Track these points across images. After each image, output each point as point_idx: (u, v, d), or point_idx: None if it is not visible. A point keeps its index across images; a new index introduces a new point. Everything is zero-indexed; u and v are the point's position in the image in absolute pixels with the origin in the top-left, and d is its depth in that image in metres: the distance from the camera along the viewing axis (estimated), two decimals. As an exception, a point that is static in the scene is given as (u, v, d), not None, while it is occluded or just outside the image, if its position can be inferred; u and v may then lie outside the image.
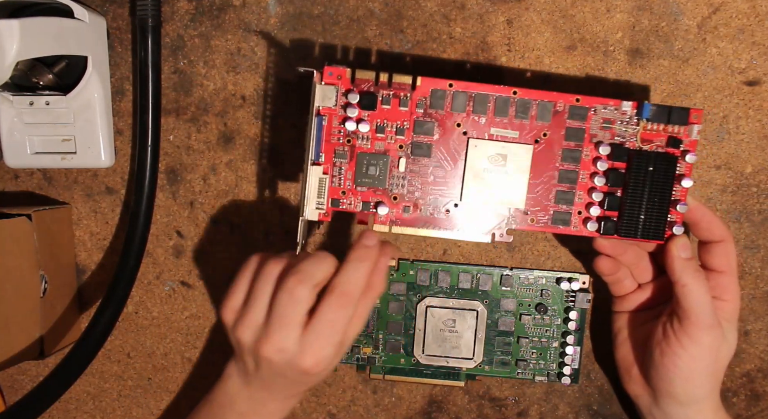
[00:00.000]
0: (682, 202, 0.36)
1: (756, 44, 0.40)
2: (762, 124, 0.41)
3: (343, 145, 0.36)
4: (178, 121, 0.44)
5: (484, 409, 0.46)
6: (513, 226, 0.37)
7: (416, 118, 0.35)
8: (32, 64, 0.40)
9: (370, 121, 0.35)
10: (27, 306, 0.41)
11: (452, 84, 0.35)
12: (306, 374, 0.33)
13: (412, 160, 0.36)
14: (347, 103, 0.35)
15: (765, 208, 0.42)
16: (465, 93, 0.35)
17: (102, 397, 0.48)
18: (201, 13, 0.43)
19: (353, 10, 0.42)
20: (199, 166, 0.44)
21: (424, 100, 0.35)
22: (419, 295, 0.43)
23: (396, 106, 0.35)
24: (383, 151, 0.36)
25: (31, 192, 0.45)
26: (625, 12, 0.41)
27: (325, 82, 0.35)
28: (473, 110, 0.35)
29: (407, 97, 0.35)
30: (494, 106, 0.35)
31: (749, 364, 0.43)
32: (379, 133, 0.36)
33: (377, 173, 0.36)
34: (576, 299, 0.43)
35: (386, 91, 0.35)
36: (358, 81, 0.35)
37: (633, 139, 0.36)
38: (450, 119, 0.36)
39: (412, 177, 0.36)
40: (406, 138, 0.36)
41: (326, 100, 0.35)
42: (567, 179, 0.36)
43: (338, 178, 0.36)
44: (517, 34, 0.41)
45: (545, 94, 0.35)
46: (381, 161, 0.36)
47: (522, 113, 0.35)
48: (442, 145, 0.36)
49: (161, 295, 0.46)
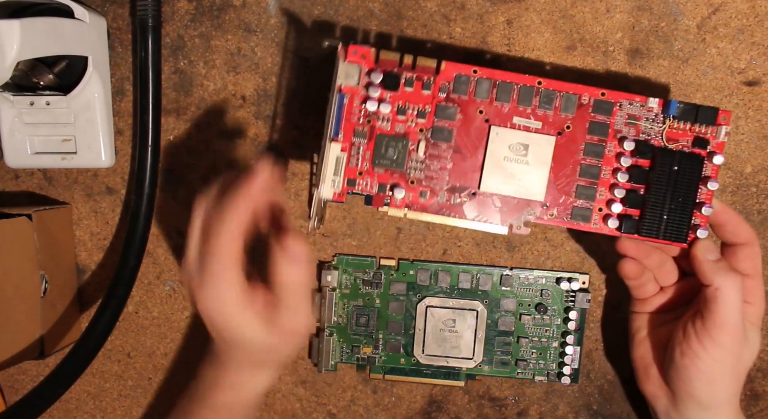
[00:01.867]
0: (707, 205, 0.35)
1: (755, 44, 0.40)
2: (761, 124, 0.41)
3: (363, 125, 0.35)
4: (178, 121, 0.44)
5: (484, 409, 0.46)
6: (531, 218, 0.36)
7: (438, 102, 0.35)
8: (32, 64, 0.40)
9: (392, 103, 0.35)
10: (27, 306, 0.41)
11: (477, 70, 0.35)
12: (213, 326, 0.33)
13: (432, 145, 0.35)
14: (369, 83, 0.34)
15: (765, 207, 0.42)
16: (489, 80, 0.35)
17: (102, 397, 0.48)
18: (201, 13, 0.43)
19: (353, 10, 0.42)
20: (199, 166, 0.44)
21: (448, 85, 0.35)
22: (419, 295, 0.43)
23: (419, 89, 0.35)
24: (403, 133, 0.35)
25: (32, 192, 0.45)
26: (625, 12, 0.41)
27: (349, 60, 0.34)
28: (496, 98, 0.35)
29: (431, 81, 0.35)
30: (518, 95, 0.35)
31: (749, 364, 0.44)
32: (400, 115, 0.35)
33: (396, 156, 0.35)
34: (576, 299, 0.43)
35: (409, 73, 0.35)
36: (382, 61, 0.34)
37: (658, 136, 0.35)
38: (473, 105, 0.35)
39: (431, 161, 0.35)
40: (427, 122, 0.35)
41: (349, 78, 0.34)
42: (589, 174, 0.36)
43: (356, 158, 0.35)
44: (517, 34, 0.41)
45: (571, 86, 0.35)
46: (400, 143, 0.35)
47: (546, 104, 0.35)
48: (464, 131, 0.35)
49: (161, 295, 0.46)
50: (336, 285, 0.44)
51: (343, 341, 0.44)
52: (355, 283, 0.44)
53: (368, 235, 0.44)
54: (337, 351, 0.44)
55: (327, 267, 0.44)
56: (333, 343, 0.44)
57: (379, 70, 0.34)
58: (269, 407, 0.47)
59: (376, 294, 0.44)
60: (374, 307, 0.44)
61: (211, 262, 0.32)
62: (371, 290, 0.44)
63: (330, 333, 0.44)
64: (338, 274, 0.44)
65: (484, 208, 0.36)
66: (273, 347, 0.34)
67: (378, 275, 0.43)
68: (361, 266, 0.44)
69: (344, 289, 0.44)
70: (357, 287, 0.44)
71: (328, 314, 0.44)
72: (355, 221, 0.44)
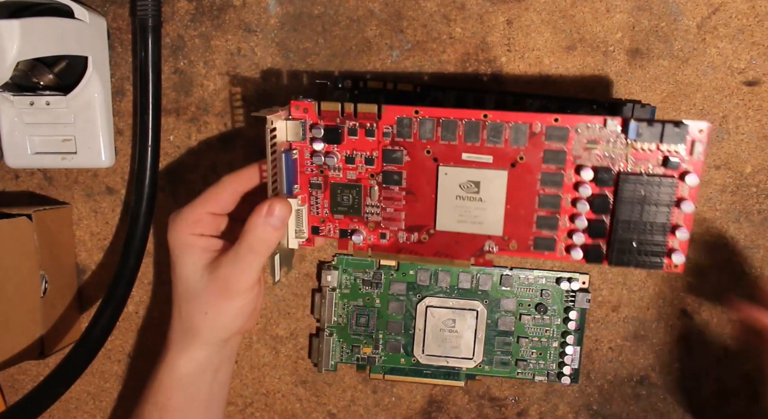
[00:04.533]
0: (682, 228, 0.32)
1: (755, 44, 0.40)
2: (761, 124, 0.41)
3: (316, 176, 0.35)
4: (178, 121, 0.44)
5: (484, 409, 0.46)
6: (493, 251, 0.35)
7: (384, 147, 0.34)
8: (32, 64, 0.41)
9: (340, 152, 0.35)
10: (27, 306, 0.41)
11: (418, 110, 0.34)
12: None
13: (385, 188, 0.35)
14: (313, 137, 0.35)
15: (765, 207, 0.42)
16: (432, 119, 0.33)
17: (102, 397, 0.48)
18: (201, 13, 0.43)
19: (353, 10, 0.42)
20: (199, 166, 0.44)
21: (391, 129, 0.34)
22: (419, 295, 0.43)
23: (363, 136, 0.34)
24: (355, 179, 0.35)
25: (32, 192, 0.46)
26: (625, 12, 0.41)
27: (293, 117, 0.34)
28: (442, 137, 0.34)
29: (374, 127, 0.34)
30: (464, 131, 0.33)
31: (749, 364, 0.44)
32: (349, 163, 0.35)
33: (351, 202, 0.35)
34: (576, 299, 0.43)
35: (352, 122, 0.34)
36: (324, 113, 0.34)
37: (623, 159, 0.32)
38: (419, 146, 0.34)
39: (386, 204, 0.35)
40: (376, 167, 0.35)
41: (295, 136, 0.34)
42: (549, 204, 0.33)
43: (315, 207, 0.36)
44: (517, 34, 0.41)
45: (520, 115, 0.33)
46: (354, 191, 0.35)
47: (494, 137, 0.33)
48: (413, 172, 0.35)
49: (161, 295, 0.46)
50: (336, 285, 0.44)
51: (343, 341, 0.44)
52: (355, 283, 0.44)
53: (368, 235, 0.44)
54: (337, 351, 0.44)
55: (327, 267, 0.44)
56: (333, 343, 0.44)
57: (321, 123, 0.34)
58: (269, 407, 0.47)
59: (376, 294, 0.44)
60: (374, 307, 0.44)
61: (193, 200, 0.36)
62: (371, 290, 0.44)
63: (330, 333, 0.44)
64: (338, 274, 0.44)
65: (444, 244, 0.36)
66: (204, 298, 0.35)
67: (378, 275, 0.43)
68: (361, 266, 0.44)
69: (344, 289, 0.44)
70: (357, 287, 0.44)
71: (328, 314, 0.44)
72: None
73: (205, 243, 0.36)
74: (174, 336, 0.37)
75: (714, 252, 0.43)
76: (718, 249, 0.43)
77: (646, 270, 0.34)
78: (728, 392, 0.44)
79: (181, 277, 0.36)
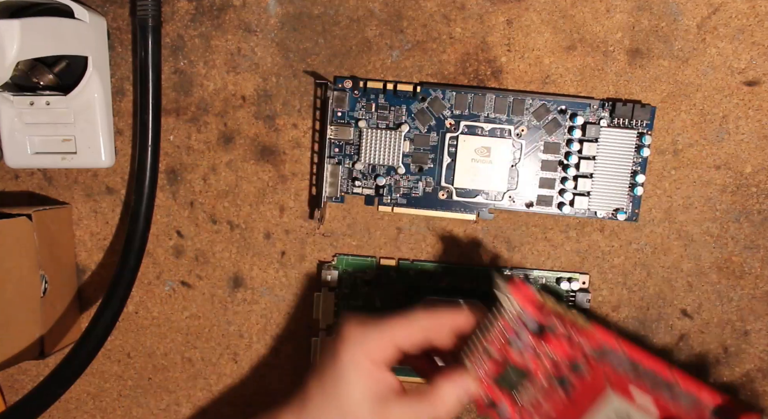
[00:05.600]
0: None
1: (756, 44, 0.40)
2: (762, 124, 0.41)
3: (498, 349, 0.35)
4: (178, 121, 0.44)
5: (484, 409, 0.46)
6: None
7: (574, 361, 0.35)
8: (32, 64, 0.41)
9: (535, 342, 0.34)
10: (27, 306, 0.41)
11: (626, 350, 0.34)
12: None
13: (550, 387, 0.35)
14: (524, 323, 0.34)
15: (765, 207, 0.42)
16: (629, 360, 0.34)
17: (102, 397, 0.48)
18: (201, 13, 0.43)
19: (353, 10, 0.42)
20: (199, 166, 0.44)
21: (592, 351, 0.34)
22: (419, 295, 0.43)
23: (564, 343, 0.34)
24: (531, 370, 0.35)
25: (31, 192, 0.46)
26: (625, 12, 0.41)
27: (515, 297, 0.34)
28: (625, 371, 0.34)
29: (579, 341, 0.34)
30: (652, 382, 0.34)
31: (749, 364, 0.44)
32: (535, 355, 0.35)
33: (513, 378, 0.35)
34: (576, 299, 0.43)
35: (562, 327, 0.34)
36: (540, 306, 0.34)
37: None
38: (603, 375, 0.34)
39: (544, 400, 0.35)
40: (557, 371, 0.35)
41: (508, 311, 0.34)
42: None
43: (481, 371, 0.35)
44: (517, 34, 0.41)
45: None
46: (523, 374, 0.35)
47: (673, 399, 0.34)
48: (584, 390, 0.35)
49: (161, 295, 0.46)
50: (336, 285, 0.44)
51: (343, 341, 0.44)
52: (355, 283, 0.44)
53: (368, 235, 0.44)
54: (337, 351, 0.44)
55: (327, 267, 0.44)
56: (333, 343, 0.44)
57: (536, 318, 0.34)
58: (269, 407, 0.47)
59: (376, 294, 0.44)
60: (374, 307, 0.44)
61: (382, 319, 0.34)
62: (371, 290, 0.44)
63: (330, 334, 0.44)
64: (338, 274, 0.44)
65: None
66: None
67: (378, 275, 0.43)
68: (361, 266, 0.44)
69: (344, 289, 0.44)
70: (357, 287, 0.44)
71: (328, 314, 0.44)
72: (355, 221, 0.44)
73: (382, 376, 0.34)
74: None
75: (714, 253, 0.43)
76: (717, 250, 0.43)
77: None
78: (728, 392, 0.44)
79: (343, 394, 0.34)
